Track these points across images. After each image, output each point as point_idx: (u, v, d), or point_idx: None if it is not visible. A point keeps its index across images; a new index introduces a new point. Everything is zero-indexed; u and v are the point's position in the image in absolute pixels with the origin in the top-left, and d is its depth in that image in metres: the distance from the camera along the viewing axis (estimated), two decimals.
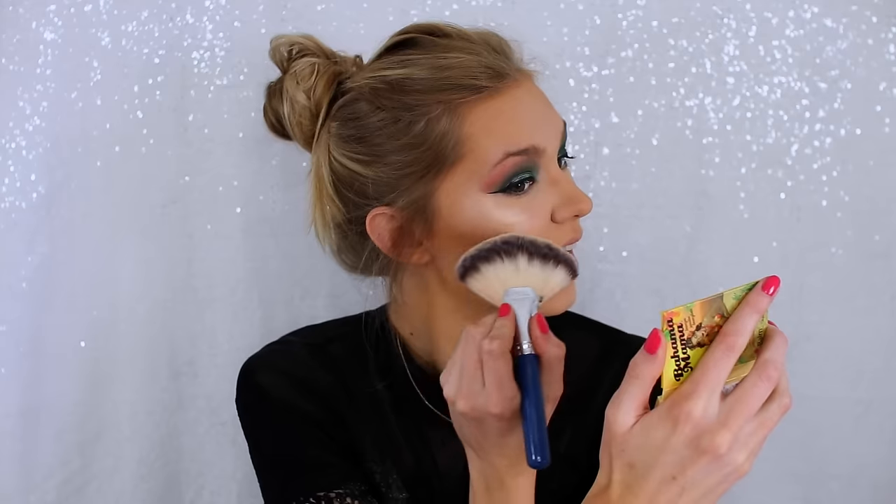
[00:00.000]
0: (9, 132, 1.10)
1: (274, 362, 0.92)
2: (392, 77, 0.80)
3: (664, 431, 0.62)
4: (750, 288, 0.64)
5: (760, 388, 0.63)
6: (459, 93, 0.78)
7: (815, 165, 1.15)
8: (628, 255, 1.17)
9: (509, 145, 0.78)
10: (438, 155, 0.79)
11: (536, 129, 0.80)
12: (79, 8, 1.10)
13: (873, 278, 1.16)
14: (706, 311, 0.63)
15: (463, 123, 0.78)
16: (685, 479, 0.62)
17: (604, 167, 1.15)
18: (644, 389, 0.63)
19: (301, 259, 1.17)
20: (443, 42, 0.82)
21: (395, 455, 0.90)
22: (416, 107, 0.79)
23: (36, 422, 1.14)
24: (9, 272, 1.11)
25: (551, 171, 0.81)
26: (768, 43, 1.13)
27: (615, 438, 0.64)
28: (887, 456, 1.19)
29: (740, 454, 0.62)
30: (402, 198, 0.81)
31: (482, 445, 0.75)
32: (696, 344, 0.63)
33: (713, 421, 0.61)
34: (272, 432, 0.89)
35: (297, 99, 0.86)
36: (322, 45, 0.88)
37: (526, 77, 0.83)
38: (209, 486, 1.20)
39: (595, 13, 1.13)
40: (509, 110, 0.79)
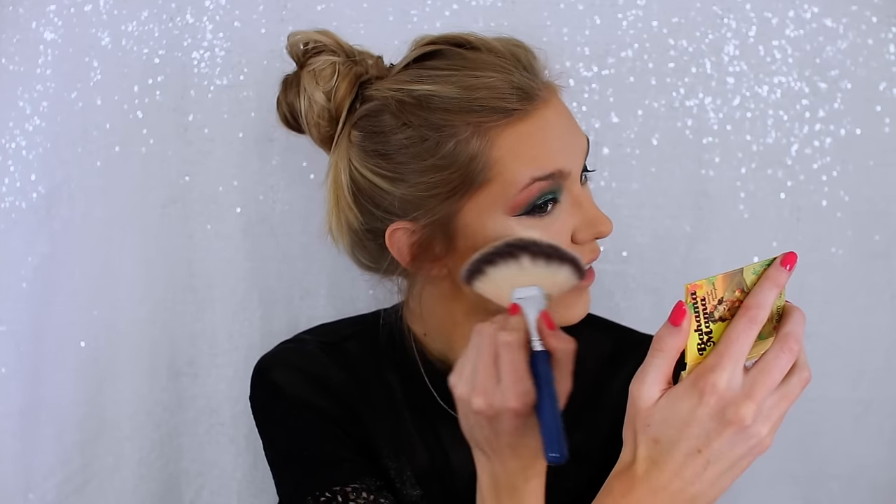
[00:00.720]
0: (9, 132, 1.10)
1: (289, 360, 0.92)
2: (419, 92, 0.79)
3: (689, 404, 0.62)
4: (768, 264, 0.65)
5: (783, 359, 0.63)
6: (489, 116, 0.78)
7: (815, 165, 1.15)
8: (628, 255, 1.17)
9: (536, 170, 0.78)
10: (466, 177, 0.78)
11: (562, 152, 0.79)
12: (79, 8, 1.10)
13: (873, 278, 1.16)
14: (727, 285, 0.64)
15: (492, 147, 0.78)
16: (710, 452, 0.62)
17: (604, 167, 1.15)
18: (669, 362, 0.64)
19: (301, 259, 1.17)
20: (471, 56, 0.81)
21: (410, 452, 0.90)
22: (444, 127, 0.78)
23: (36, 422, 1.14)
24: (9, 272, 1.11)
25: (574, 191, 0.81)
26: (768, 43, 1.13)
27: (640, 413, 0.64)
28: (887, 456, 1.19)
29: (764, 426, 0.63)
30: (425, 216, 0.80)
31: (494, 447, 0.74)
32: (718, 318, 0.64)
33: (738, 392, 0.62)
34: (287, 429, 0.89)
35: (316, 99, 0.85)
36: (340, 42, 0.87)
37: (552, 93, 0.83)
38: (209, 486, 1.20)
39: (595, 13, 1.13)
40: (537, 133, 0.79)
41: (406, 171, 0.80)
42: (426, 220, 0.80)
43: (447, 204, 0.79)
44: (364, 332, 0.95)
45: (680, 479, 0.63)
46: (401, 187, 0.80)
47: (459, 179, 0.78)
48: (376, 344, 0.93)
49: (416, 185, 0.80)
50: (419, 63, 0.83)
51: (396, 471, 0.89)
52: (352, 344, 0.94)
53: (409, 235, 0.82)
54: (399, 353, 0.93)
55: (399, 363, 0.93)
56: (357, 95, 0.85)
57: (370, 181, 0.82)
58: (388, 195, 0.81)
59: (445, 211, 0.80)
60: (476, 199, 0.78)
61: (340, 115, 0.85)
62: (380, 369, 0.92)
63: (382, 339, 0.93)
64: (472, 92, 0.78)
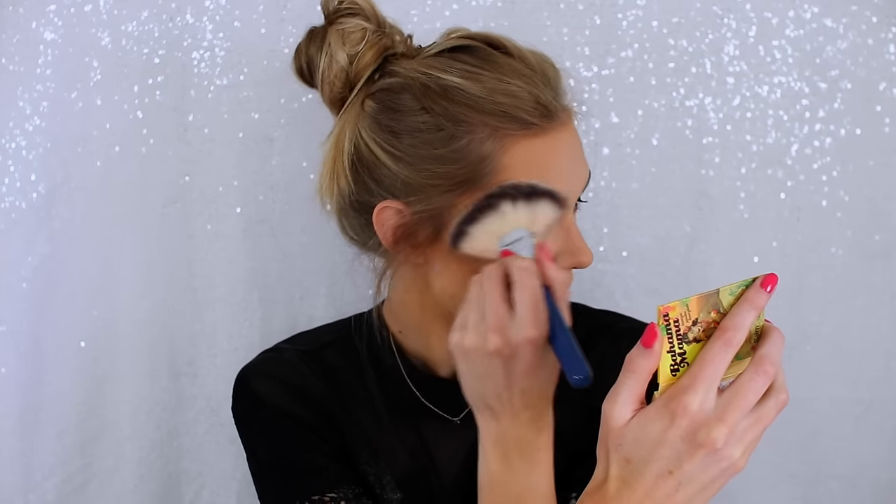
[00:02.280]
0: (9, 132, 1.10)
1: (268, 370, 0.93)
2: (446, 82, 0.79)
3: (661, 425, 0.62)
4: (747, 284, 0.65)
5: (757, 382, 0.63)
6: (509, 123, 0.78)
7: (815, 165, 1.15)
8: (628, 255, 1.17)
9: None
10: (472, 176, 0.78)
11: (565, 178, 0.80)
12: (79, 8, 1.10)
13: (873, 278, 1.16)
14: (702, 307, 0.63)
15: (505, 153, 0.78)
16: (682, 474, 0.62)
17: (604, 167, 1.15)
18: (640, 383, 0.63)
19: (301, 259, 1.17)
20: (503, 61, 0.81)
21: (389, 456, 0.90)
22: (463, 122, 0.78)
23: (36, 422, 1.14)
24: (9, 272, 1.11)
25: (566, 219, 0.81)
26: (768, 43, 1.13)
27: (612, 433, 0.64)
28: (887, 456, 1.19)
29: (736, 449, 0.62)
30: (420, 203, 0.80)
31: (505, 398, 0.73)
32: (693, 339, 0.64)
33: (710, 415, 0.61)
34: (267, 438, 0.89)
35: (338, 59, 0.84)
36: (376, 10, 0.86)
37: (569, 117, 0.83)
38: (209, 486, 1.20)
39: (595, 13, 1.13)
40: (549, 152, 0.79)
41: (414, 154, 0.80)
42: (419, 207, 0.80)
43: (445, 197, 0.79)
44: (344, 337, 0.95)
45: (651, 500, 0.63)
46: (404, 168, 0.80)
47: (464, 176, 0.78)
48: (355, 348, 0.93)
49: (421, 170, 0.79)
50: (451, 53, 0.83)
51: (375, 476, 0.90)
52: (331, 350, 0.94)
53: (398, 217, 0.81)
54: (378, 355, 0.93)
55: (378, 365, 0.93)
56: (379, 67, 0.84)
57: (374, 154, 0.82)
58: (389, 173, 0.81)
59: (441, 203, 0.79)
60: (473, 198, 0.78)
61: (358, 81, 0.84)
62: (360, 374, 0.93)
63: (362, 342, 0.94)
64: (497, 95, 0.78)
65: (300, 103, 1.13)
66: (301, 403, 0.90)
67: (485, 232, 0.76)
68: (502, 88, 0.78)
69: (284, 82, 1.13)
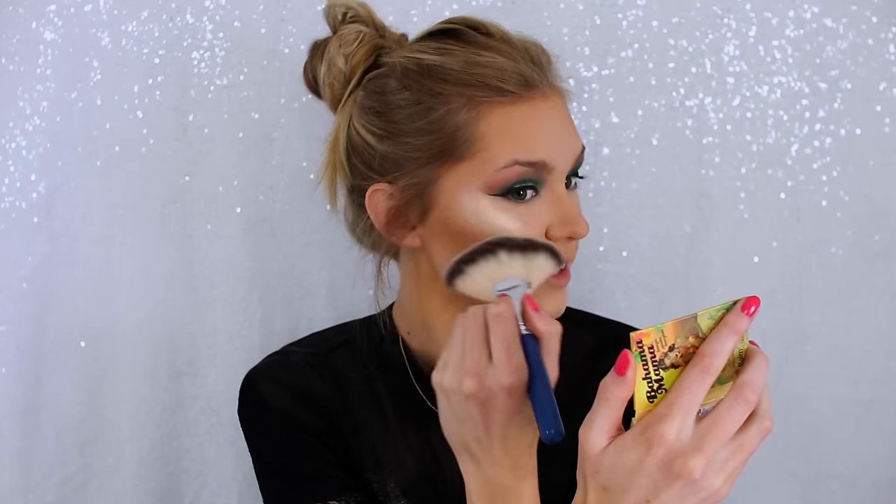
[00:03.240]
0: (9, 132, 1.10)
1: (274, 373, 0.92)
2: (426, 61, 0.81)
3: (637, 454, 0.60)
4: (727, 308, 0.63)
5: (737, 410, 0.60)
6: (484, 91, 0.79)
7: (815, 165, 1.15)
8: (628, 255, 1.17)
9: (519, 154, 0.78)
10: (449, 146, 0.79)
11: (550, 146, 0.80)
12: (79, 8, 1.10)
13: (873, 278, 1.16)
14: (679, 332, 0.61)
15: (480, 122, 0.79)
16: (659, 503, 0.61)
17: (604, 167, 1.15)
18: (614, 411, 0.62)
19: (301, 259, 1.17)
20: (483, 40, 0.82)
21: (395, 462, 0.90)
22: (440, 94, 0.80)
23: (36, 422, 1.14)
24: (9, 272, 1.11)
25: (556, 188, 0.81)
26: (768, 43, 1.13)
27: (588, 460, 0.62)
28: (887, 456, 1.19)
29: (716, 479, 0.60)
30: (404, 178, 0.81)
31: (484, 443, 0.73)
32: (670, 365, 0.62)
33: (687, 444, 0.60)
34: (272, 442, 0.89)
35: (336, 62, 0.86)
36: (375, 17, 0.89)
37: (555, 92, 0.83)
38: (209, 486, 1.20)
39: (595, 13, 1.13)
40: (528, 119, 0.79)
41: (395, 130, 0.81)
42: (405, 183, 0.81)
43: (427, 169, 0.80)
44: (353, 339, 0.95)
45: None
46: (387, 145, 0.82)
47: (441, 146, 0.79)
48: (365, 351, 0.93)
49: (401, 144, 0.81)
50: (433, 37, 0.85)
51: (379, 484, 0.89)
52: (339, 353, 0.94)
53: (388, 199, 0.83)
54: (387, 358, 0.93)
55: (386, 368, 0.92)
56: (372, 65, 0.86)
57: (363, 138, 0.84)
58: (375, 153, 0.83)
59: (424, 176, 0.80)
60: (456, 170, 0.79)
61: (353, 77, 0.86)
62: (368, 377, 0.92)
63: (371, 345, 0.94)
64: (472, 67, 0.79)
65: (300, 103, 1.13)
66: (306, 408, 0.89)
67: (482, 274, 0.76)
68: (479, 60, 0.80)
69: (284, 82, 1.13)
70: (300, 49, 1.13)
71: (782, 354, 1.18)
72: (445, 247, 0.82)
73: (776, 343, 1.18)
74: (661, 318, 1.18)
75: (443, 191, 0.80)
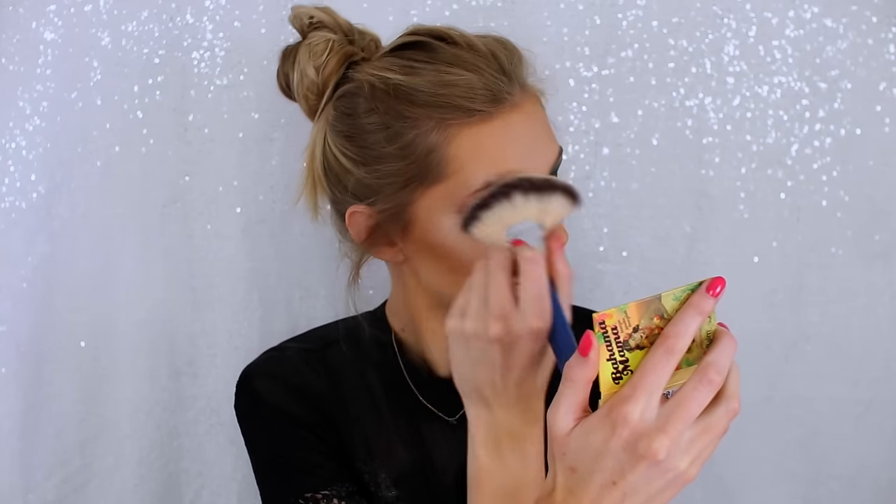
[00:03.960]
0: (9, 132, 1.10)
1: (270, 369, 0.93)
2: (393, 81, 0.80)
3: (602, 435, 0.60)
4: (693, 289, 0.62)
5: (701, 392, 0.60)
6: (452, 113, 0.78)
7: (815, 165, 1.15)
8: (628, 255, 1.17)
9: (491, 174, 0.77)
10: (422, 170, 0.79)
11: (523, 158, 0.79)
12: (79, 8, 1.10)
13: (873, 278, 1.16)
14: (643, 313, 0.61)
15: (451, 144, 0.78)
16: (626, 485, 0.60)
17: (604, 167, 1.15)
18: (578, 393, 0.62)
19: (301, 259, 1.17)
20: (450, 52, 0.81)
21: (386, 454, 0.90)
22: (408, 118, 0.79)
23: (36, 422, 1.14)
24: (9, 272, 1.11)
25: None
26: (768, 43, 1.13)
27: (556, 441, 0.63)
28: (887, 456, 1.19)
29: (682, 460, 0.60)
30: (380, 202, 0.82)
31: (500, 388, 0.72)
32: (635, 346, 0.62)
33: (651, 425, 0.60)
34: (267, 435, 0.90)
35: (307, 73, 0.86)
36: (339, 20, 0.88)
37: (528, 98, 0.82)
38: (209, 486, 1.20)
39: (595, 13, 1.13)
40: (497, 136, 0.78)
41: (367, 156, 0.81)
42: (381, 206, 0.82)
43: (402, 193, 0.80)
44: (350, 335, 0.95)
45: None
46: (361, 170, 0.82)
47: (415, 171, 0.79)
48: (360, 346, 0.94)
49: (375, 170, 0.81)
50: (398, 52, 0.84)
51: (370, 474, 0.90)
52: (336, 348, 0.94)
53: (367, 219, 0.83)
54: (381, 354, 0.94)
55: (380, 363, 0.93)
56: (344, 75, 0.86)
57: (338, 160, 0.84)
58: (351, 177, 0.83)
59: (400, 200, 0.80)
60: (431, 193, 0.79)
61: (326, 90, 0.86)
62: (362, 371, 0.93)
63: (366, 341, 0.94)
64: (439, 88, 0.78)
65: None
66: (300, 403, 0.90)
67: (496, 219, 0.75)
68: (446, 80, 0.78)
69: None
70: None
71: (782, 354, 1.18)
72: (430, 265, 0.82)
73: (776, 343, 1.18)
74: None
75: (421, 211, 0.80)
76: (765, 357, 1.18)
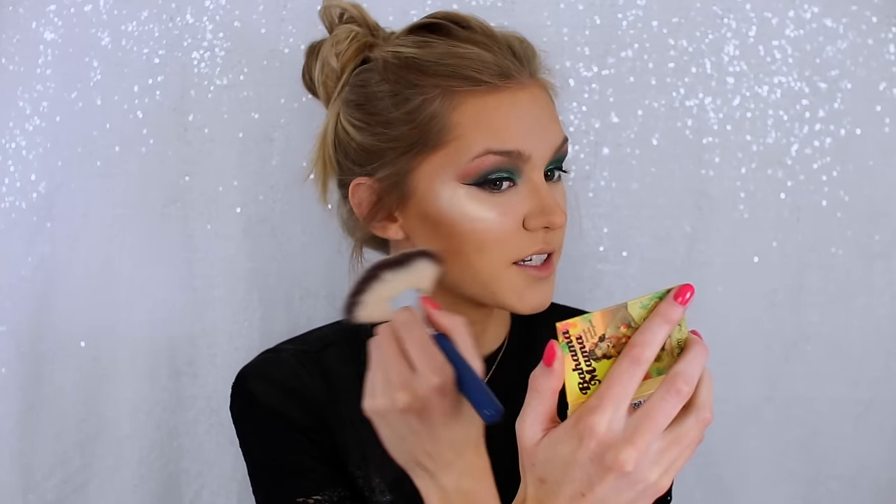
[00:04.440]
0: (9, 132, 1.10)
1: (265, 371, 0.93)
2: (404, 54, 0.82)
3: (570, 446, 0.60)
4: (661, 296, 0.61)
5: (668, 402, 0.59)
6: (458, 81, 0.79)
7: (815, 165, 1.15)
8: (628, 255, 1.17)
9: (493, 142, 0.78)
10: (424, 135, 0.80)
11: (526, 135, 0.80)
12: (79, 8, 1.10)
13: (873, 278, 1.16)
14: (609, 322, 0.60)
15: (454, 111, 0.79)
16: (594, 496, 0.60)
17: (604, 167, 1.15)
18: (545, 403, 0.61)
19: (301, 259, 1.17)
20: (464, 33, 0.83)
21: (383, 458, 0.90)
22: (417, 85, 0.80)
23: (36, 422, 1.14)
24: (9, 272, 1.11)
25: (534, 178, 0.81)
26: (768, 43, 1.13)
27: (525, 452, 0.62)
28: (887, 456, 1.19)
29: (651, 472, 0.59)
30: (382, 169, 0.82)
31: (433, 452, 0.72)
32: (602, 356, 0.61)
33: (618, 436, 0.59)
34: (260, 438, 0.90)
35: (329, 61, 0.87)
36: (367, 17, 0.90)
37: (536, 84, 0.83)
38: (209, 486, 1.20)
39: (595, 13, 1.13)
40: (503, 108, 0.79)
41: (373, 121, 0.82)
42: (383, 174, 0.82)
43: (403, 159, 0.81)
44: (348, 337, 0.95)
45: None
46: (366, 136, 0.83)
47: (417, 136, 0.80)
48: (358, 348, 0.93)
49: (378, 134, 0.82)
50: (414, 31, 0.86)
51: (364, 479, 0.90)
52: (332, 350, 0.94)
53: (370, 193, 0.84)
54: None
55: None
56: (362, 61, 0.87)
57: (345, 130, 0.85)
58: (356, 145, 0.84)
59: (401, 166, 0.81)
60: (431, 159, 0.80)
61: (343, 75, 0.87)
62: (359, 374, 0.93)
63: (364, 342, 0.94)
64: (447, 58, 0.80)
65: (300, 103, 1.13)
66: (295, 405, 0.90)
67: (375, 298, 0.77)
68: (456, 52, 0.80)
69: (284, 82, 1.13)
70: (300, 49, 1.12)
71: (782, 354, 1.18)
72: (427, 238, 0.82)
73: (776, 343, 1.18)
74: None
75: (420, 180, 0.81)
76: (765, 357, 1.18)
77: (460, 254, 0.80)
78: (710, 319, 1.17)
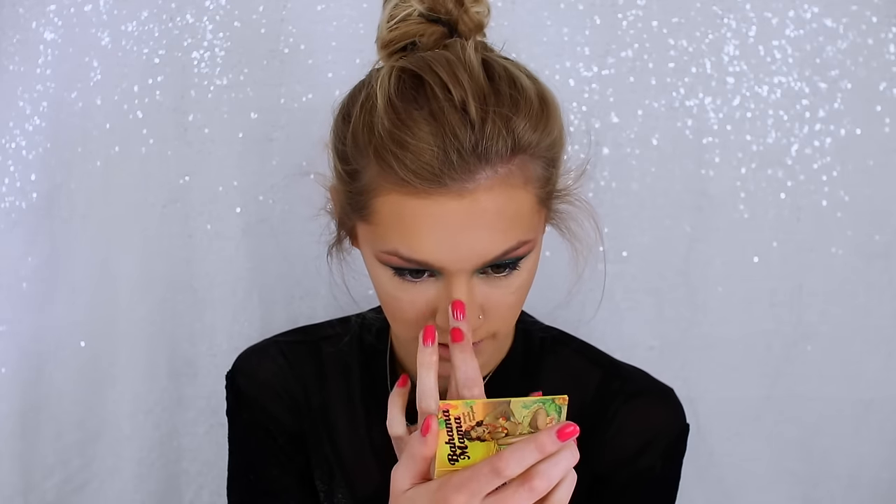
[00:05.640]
0: (9, 132, 1.10)
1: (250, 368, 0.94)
2: (376, 103, 0.72)
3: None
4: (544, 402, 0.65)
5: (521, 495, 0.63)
6: (388, 172, 0.70)
7: (815, 165, 1.15)
8: (628, 255, 1.17)
9: (402, 247, 0.72)
10: (355, 201, 0.75)
11: (440, 250, 0.71)
12: (79, 8, 1.10)
13: (873, 278, 1.16)
14: (489, 412, 0.65)
15: (378, 197, 0.72)
16: None
17: (604, 167, 1.15)
18: (416, 464, 0.67)
19: (301, 259, 1.17)
20: (437, 104, 0.70)
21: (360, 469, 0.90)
22: (362, 151, 0.73)
23: (36, 422, 1.14)
24: (9, 272, 1.11)
25: (453, 279, 0.73)
26: (768, 43, 1.13)
27: (393, 494, 0.68)
28: (887, 456, 1.19)
29: None
30: (337, 210, 0.82)
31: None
32: (476, 438, 0.66)
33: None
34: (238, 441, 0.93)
35: (381, 25, 0.78)
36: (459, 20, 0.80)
37: (486, 186, 0.70)
38: (209, 486, 1.20)
39: (595, 13, 1.13)
40: (420, 217, 0.70)
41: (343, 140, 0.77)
42: (338, 211, 0.81)
43: (347, 210, 0.77)
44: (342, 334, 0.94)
45: None
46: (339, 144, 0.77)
47: (351, 199, 0.76)
48: (353, 347, 0.93)
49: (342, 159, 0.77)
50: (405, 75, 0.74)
51: (326, 493, 0.91)
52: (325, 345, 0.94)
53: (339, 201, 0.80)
54: (368, 358, 0.92)
55: (366, 368, 0.91)
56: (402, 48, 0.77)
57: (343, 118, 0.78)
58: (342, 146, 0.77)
59: (349, 217, 0.78)
60: (360, 225, 0.76)
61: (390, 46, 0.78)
62: (346, 376, 0.92)
63: (358, 342, 0.93)
64: (390, 142, 0.70)
65: (300, 103, 1.13)
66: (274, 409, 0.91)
67: None
68: (397, 136, 0.70)
69: (284, 82, 1.13)
70: (300, 49, 1.12)
71: (782, 354, 1.18)
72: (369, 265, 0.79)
73: (776, 343, 1.18)
74: (660, 318, 1.19)
75: (358, 235, 0.78)
76: (765, 357, 1.18)
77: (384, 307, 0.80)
78: (710, 319, 1.17)
